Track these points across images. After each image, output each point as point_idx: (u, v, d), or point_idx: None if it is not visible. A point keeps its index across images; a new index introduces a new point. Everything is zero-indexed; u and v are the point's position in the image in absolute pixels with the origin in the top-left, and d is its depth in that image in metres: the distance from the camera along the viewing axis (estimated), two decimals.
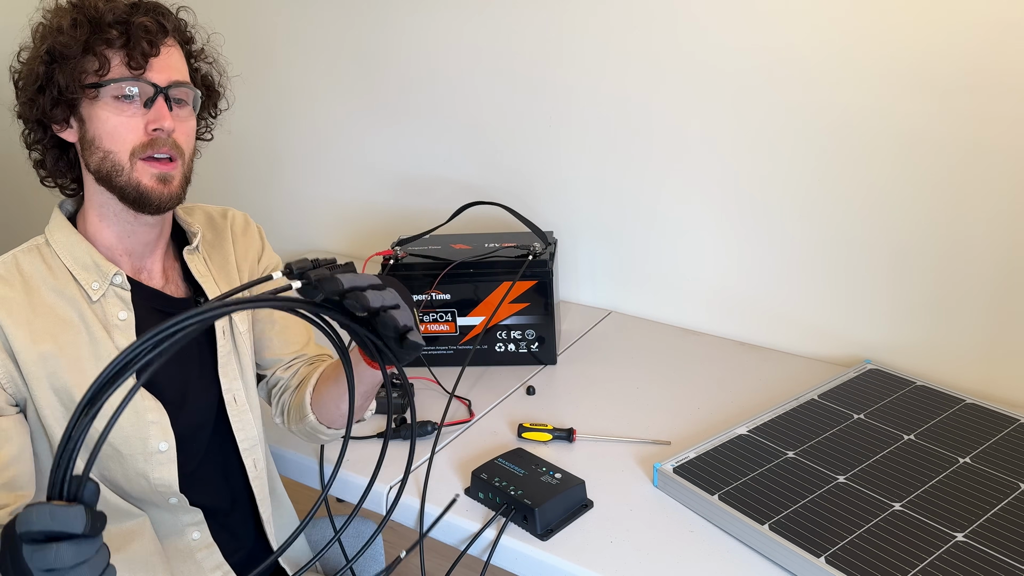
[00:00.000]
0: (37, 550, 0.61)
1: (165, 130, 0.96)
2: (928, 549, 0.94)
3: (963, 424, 1.20)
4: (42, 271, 0.98)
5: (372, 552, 1.35)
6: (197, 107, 1.04)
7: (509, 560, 1.04)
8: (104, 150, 0.95)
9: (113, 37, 0.93)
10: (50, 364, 0.94)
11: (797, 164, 1.43)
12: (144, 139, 0.95)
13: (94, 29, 0.94)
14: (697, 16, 1.45)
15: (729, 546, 1.01)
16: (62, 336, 0.95)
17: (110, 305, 0.99)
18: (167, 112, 0.96)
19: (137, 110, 0.95)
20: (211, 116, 1.12)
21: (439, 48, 1.76)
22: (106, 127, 0.95)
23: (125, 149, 0.95)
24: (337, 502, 1.89)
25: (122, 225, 1.00)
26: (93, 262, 0.99)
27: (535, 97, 1.67)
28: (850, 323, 1.46)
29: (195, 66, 1.06)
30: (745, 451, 1.15)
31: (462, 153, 1.81)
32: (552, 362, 1.49)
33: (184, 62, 1.02)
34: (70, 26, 0.93)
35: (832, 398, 1.29)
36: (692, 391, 1.38)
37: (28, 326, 0.94)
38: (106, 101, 0.94)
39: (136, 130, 0.95)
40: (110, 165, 0.95)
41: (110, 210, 0.99)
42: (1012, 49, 1.20)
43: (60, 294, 0.97)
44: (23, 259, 0.99)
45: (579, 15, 1.57)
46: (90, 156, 0.97)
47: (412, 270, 1.47)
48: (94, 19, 0.94)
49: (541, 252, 1.46)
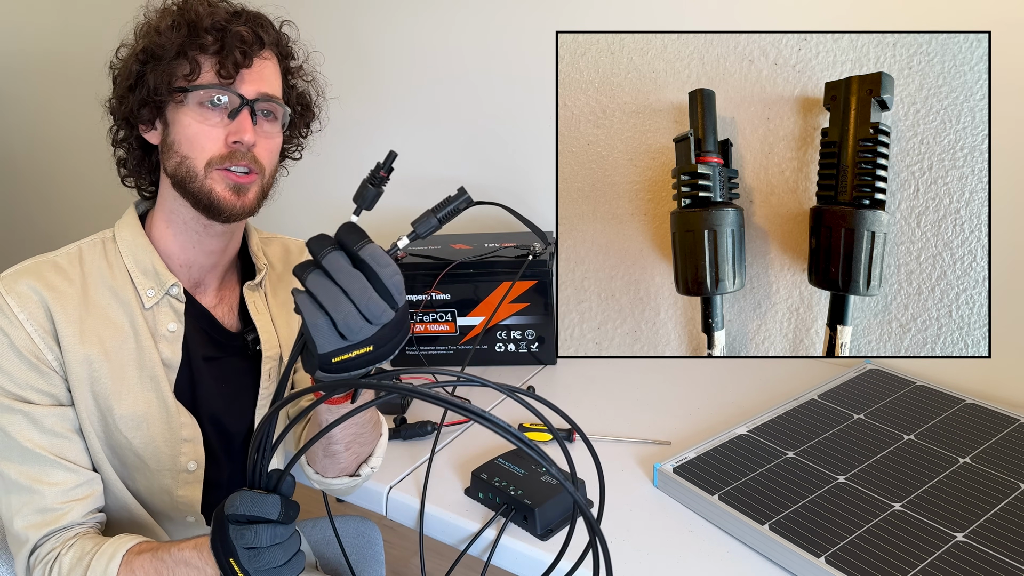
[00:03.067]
0: (240, 529, 0.73)
1: (245, 144, 0.93)
2: (928, 549, 0.94)
3: (963, 424, 1.20)
4: (102, 267, 0.97)
5: (372, 552, 1.35)
6: (286, 124, 1.01)
7: (509, 560, 1.04)
8: (182, 155, 0.94)
9: (208, 43, 0.91)
10: (94, 367, 0.94)
11: None
12: (223, 150, 0.93)
13: (190, 33, 0.92)
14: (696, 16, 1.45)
15: (729, 546, 1.01)
16: (109, 341, 0.95)
17: (162, 315, 0.98)
18: (250, 125, 0.93)
19: (220, 119, 0.93)
20: (302, 136, 1.08)
21: (439, 48, 1.76)
22: (187, 132, 0.93)
23: (202, 157, 0.93)
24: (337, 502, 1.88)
25: (189, 234, 0.99)
26: (154, 268, 0.98)
27: (535, 97, 1.67)
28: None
29: (291, 83, 1.02)
30: (745, 451, 1.15)
31: (462, 153, 1.81)
32: (552, 362, 1.49)
33: (279, 77, 0.99)
34: (168, 28, 0.92)
35: (832, 398, 1.29)
36: (692, 391, 1.38)
37: (79, 324, 0.93)
38: (191, 107, 0.93)
39: (216, 140, 0.93)
40: (185, 171, 0.94)
41: (180, 217, 0.98)
42: None
43: (115, 295, 0.96)
44: (87, 251, 0.98)
45: (579, 15, 1.57)
46: (168, 159, 0.95)
47: (412, 270, 1.47)
48: (192, 23, 0.92)
49: (541, 252, 1.46)
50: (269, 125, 0.97)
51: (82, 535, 0.89)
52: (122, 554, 0.84)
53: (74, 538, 0.88)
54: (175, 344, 0.98)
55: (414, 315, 1.47)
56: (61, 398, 0.93)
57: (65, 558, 0.86)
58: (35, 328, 0.90)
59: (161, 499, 0.99)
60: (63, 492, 0.90)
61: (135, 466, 0.97)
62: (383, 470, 1.17)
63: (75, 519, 0.90)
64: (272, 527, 0.73)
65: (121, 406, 0.94)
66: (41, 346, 0.91)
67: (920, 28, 1.28)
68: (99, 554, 0.85)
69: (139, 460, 0.97)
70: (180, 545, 0.83)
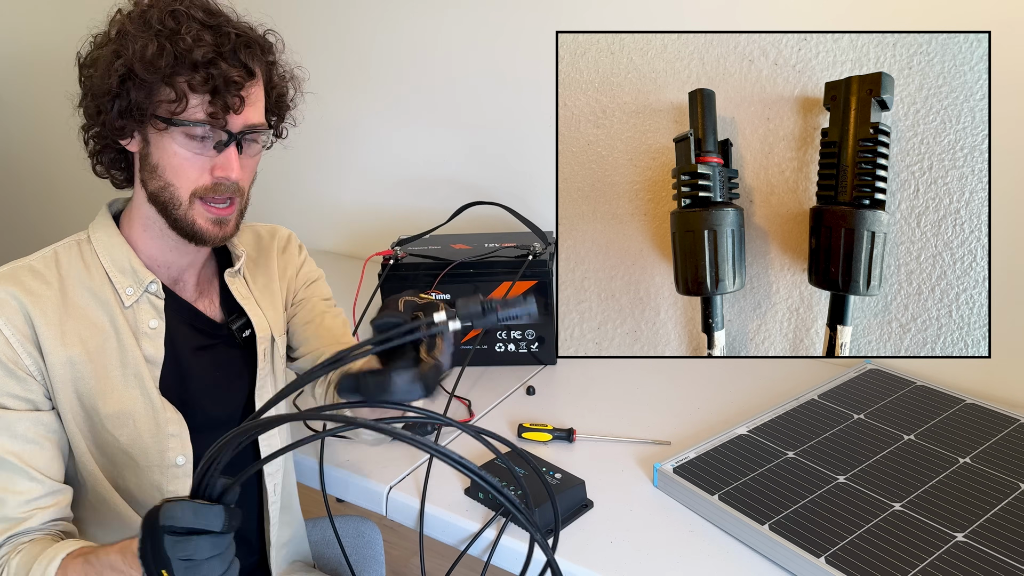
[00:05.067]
0: (178, 541, 0.68)
1: (231, 180, 0.93)
2: (928, 549, 0.94)
3: (963, 424, 1.20)
4: (79, 268, 0.97)
5: (372, 552, 1.35)
6: (268, 145, 1.00)
7: (509, 560, 1.04)
8: (165, 181, 0.93)
9: (196, 82, 0.88)
10: (77, 368, 0.94)
11: None
12: (208, 182, 0.93)
13: (177, 63, 0.88)
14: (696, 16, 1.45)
15: (729, 546, 1.01)
16: (91, 341, 0.95)
17: (142, 312, 0.98)
18: (236, 162, 0.93)
19: (206, 150, 0.92)
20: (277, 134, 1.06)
21: (440, 48, 1.76)
22: (172, 161, 0.92)
23: (187, 187, 0.93)
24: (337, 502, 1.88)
25: (165, 240, 0.98)
26: (131, 266, 0.97)
27: (535, 97, 1.67)
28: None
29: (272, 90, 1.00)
30: (745, 451, 1.15)
31: (462, 153, 1.81)
32: (552, 362, 1.49)
33: (263, 97, 0.97)
34: (155, 55, 0.88)
35: (832, 398, 1.29)
36: (692, 391, 1.38)
37: (60, 326, 0.93)
38: (176, 135, 0.91)
39: (202, 171, 0.92)
40: (168, 196, 0.93)
41: (156, 225, 0.97)
42: None
43: (94, 295, 0.96)
44: (63, 255, 0.97)
45: (579, 15, 1.57)
46: (149, 180, 0.94)
47: (412, 270, 1.47)
48: (181, 54, 0.88)
49: (541, 252, 1.46)
50: (251, 149, 0.97)
51: (37, 540, 0.89)
52: (61, 557, 0.84)
53: (28, 543, 0.88)
54: (157, 340, 0.98)
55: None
56: (38, 403, 0.93)
57: (12, 563, 0.86)
58: (13, 333, 0.90)
59: (152, 495, 0.99)
60: (26, 502, 0.89)
61: (124, 464, 0.98)
62: (383, 470, 1.17)
63: (34, 525, 0.89)
64: (212, 538, 0.69)
65: (106, 405, 0.95)
66: (20, 351, 0.90)
67: (920, 28, 1.28)
68: (40, 559, 0.84)
69: (127, 458, 0.97)
70: (107, 549, 0.82)
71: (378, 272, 1.48)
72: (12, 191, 2.78)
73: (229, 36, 0.91)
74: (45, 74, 2.52)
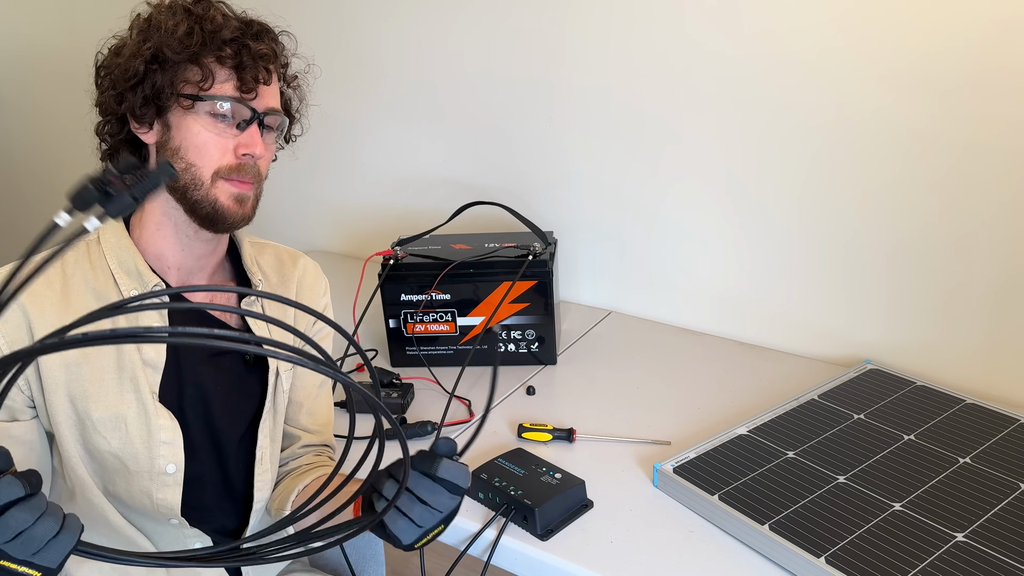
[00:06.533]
0: None
1: (255, 157, 0.95)
2: (928, 549, 0.94)
3: (963, 424, 1.20)
4: (85, 268, 0.96)
5: (372, 552, 1.35)
6: (283, 134, 1.02)
7: (509, 560, 1.04)
8: (188, 162, 0.93)
9: (226, 55, 0.91)
10: (72, 371, 0.93)
11: (796, 164, 1.43)
12: (232, 162, 0.94)
13: (207, 42, 0.91)
14: (697, 16, 1.45)
15: (729, 546, 1.01)
16: None
17: (145, 315, 0.97)
18: (259, 139, 0.95)
19: (229, 130, 0.93)
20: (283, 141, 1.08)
21: (439, 49, 1.76)
22: (195, 140, 0.93)
23: (210, 166, 0.93)
24: None
25: (179, 237, 0.98)
26: (136, 269, 0.97)
27: (535, 97, 1.67)
28: (850, 323, 1.46)
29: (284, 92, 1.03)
30: (745, 451, 1.15)
31: (462, 153, 1.81)
32: (552, 362, 1.49)
33: (278, 89, 1.00)
34: (185, 34, 0.91)
35: (832, 398, 1.29)
36: (692, 391, 1.38)
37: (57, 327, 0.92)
38: (201, 115, 0.92)
39: (226, 151, 0.93)
40: (190, 178, 0.93)
41: (171, 220, 0.97)
42: (1010, 49, 1.20)
43: (97, 296, 0.96)
44: (70, 255, 0.97)
45: (580, 15, 1.57)
46: None
47: (412, 270, 1.47)
48: (211, 32, 0.91)
49: (541, 252, 1.46)
50: (269, 136, 0.99)
51: None
52: None
53: None
54: (159, 344, 0.98)
55: (414, 315, 1.47)
56: (16, 413, 0.93)
57: None
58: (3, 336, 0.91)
59: (142, 502, 0.98)
60: None
61: (115, 469, 0.97)
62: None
63: None
64: (26, 503, 0.67)
65: (99, 408, 0.94)
66: None
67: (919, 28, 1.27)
68: None
69: (118, 462, 0.96)
70: None
71: (378, 272, 1.48)
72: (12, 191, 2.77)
73: (252, 23, 0.96)
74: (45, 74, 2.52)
